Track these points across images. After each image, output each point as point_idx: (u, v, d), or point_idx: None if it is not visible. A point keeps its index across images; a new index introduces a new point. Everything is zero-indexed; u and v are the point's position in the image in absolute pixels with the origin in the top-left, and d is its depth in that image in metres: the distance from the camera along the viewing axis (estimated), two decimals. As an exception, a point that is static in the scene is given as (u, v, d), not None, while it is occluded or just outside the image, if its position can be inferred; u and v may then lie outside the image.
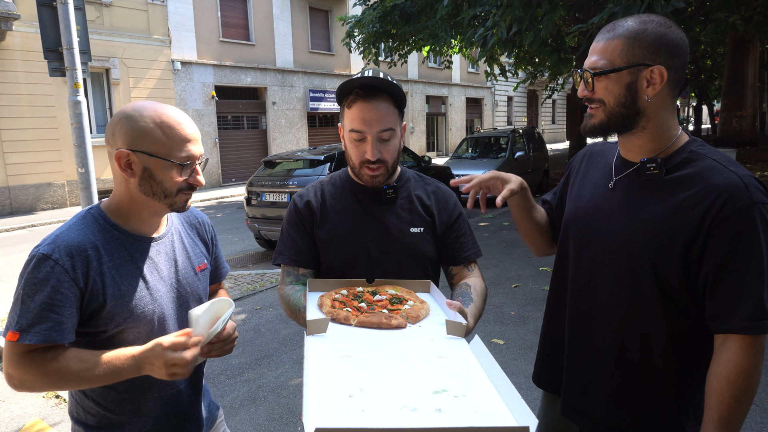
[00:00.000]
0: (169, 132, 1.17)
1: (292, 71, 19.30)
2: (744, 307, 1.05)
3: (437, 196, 1.60)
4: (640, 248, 1.16)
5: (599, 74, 1.13)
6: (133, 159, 1.16)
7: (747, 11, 8.59)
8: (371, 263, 1.49)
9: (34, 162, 12.61)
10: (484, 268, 6.16)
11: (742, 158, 11.95)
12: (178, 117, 1.20)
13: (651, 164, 1.16)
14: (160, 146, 1.16)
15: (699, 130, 29.18)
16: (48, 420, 3.32)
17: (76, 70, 4.86)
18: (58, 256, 1.10)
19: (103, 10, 13.70)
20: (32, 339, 1.08)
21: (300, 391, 3.48)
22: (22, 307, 1.09)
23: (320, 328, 1.19)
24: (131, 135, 1.16)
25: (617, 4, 6.33)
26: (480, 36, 8.32)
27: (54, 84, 12.45)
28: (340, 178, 1.61)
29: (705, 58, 21.78)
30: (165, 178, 1.18)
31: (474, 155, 12.69)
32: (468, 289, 1.50)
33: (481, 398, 0.95)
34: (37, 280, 1.09)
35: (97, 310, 1.15)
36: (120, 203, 1.23)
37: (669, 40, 1.10)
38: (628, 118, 1.14)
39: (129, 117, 1.17)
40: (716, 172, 1.10)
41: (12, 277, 6.96)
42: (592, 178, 1.34)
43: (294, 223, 1.55)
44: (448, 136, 28.00)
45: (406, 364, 1.07)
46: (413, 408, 0.90)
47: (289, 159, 7.86)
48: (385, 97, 1.43)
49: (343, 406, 0.89)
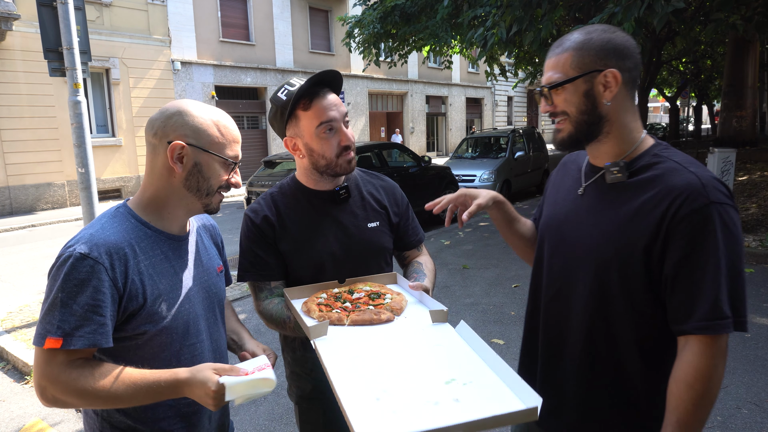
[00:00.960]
0: (224, 131, 1.21)
1: (292, 71, 19.30)
2: (700, 308, 1.05)
3: (386, 189, 1.70)
4: (605, 253, 1.17)
5: (556, 86, 1.17)
6: (187, 152, 1.17)
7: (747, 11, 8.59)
8: (337, 263, 1.55)
9: (34, 162, 12.61)
10: (483, 268, 6.17)
11: (742, 158, 11.94)
12: (229, 119, 1.25)
13: (614, 168, 1.18)
14: (215, 143, 1.19)
15: (699, 130, 29.20)
16: (48, 420, 3.32)
17: (76, 70, 4.86)
18: (97, 254, 1.07)
19: (103, 10, 13.70)
20: (77, 343, 1.03)
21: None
22: (64, 310, 1.03)
23: (322, 332, 1.25)
24: (188, 129, 1.17)
25: (617, 4, 6.33)
26: (480, 36, 8.32)
27: (54, 84, 12.45)
28: (290, 187, 1.61)
29: (705, 58, 21.77)
30: (213, 174, 1.20)
31: (474, 155, 12.69)
32: (420, 266, 1.64)
33: (486, 383, 1.05)
34: (78, 281, 1.04)
35: (136, 311, 1.12)
36: (155, 199, 1.21)
37: (615, 43, 1.14)
38: (593, 124, 1.17)
39: (184, 112, 1.18)
40: (676, 173, 1.11)
41: (12, 276, 6.96)
42: (565, 185, 1.37)
43: (255, 239, 1.53)
44: (448, 136, 27.99)
45: (411, 357, 1.16)
46: (435, 402, 0.99)
47: (289, 159, 7.87)
48: (331, 90, 1.52)
49: (377, 411, 0.97)
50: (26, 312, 5.18)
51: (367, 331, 1.29)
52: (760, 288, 5.17)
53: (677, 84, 27.48)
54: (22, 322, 4.87)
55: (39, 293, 6.03)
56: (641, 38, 8.12)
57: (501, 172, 11.30)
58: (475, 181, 11.03)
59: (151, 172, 1.20)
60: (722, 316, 1.04)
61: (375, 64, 12.60)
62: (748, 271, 5.74)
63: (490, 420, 0.93)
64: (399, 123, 25.26)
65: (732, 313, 1.04)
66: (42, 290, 6.17)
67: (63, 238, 9.57)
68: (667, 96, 27.99)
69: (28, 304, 5.45)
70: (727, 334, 1.06)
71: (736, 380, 3.39)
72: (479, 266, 6.25)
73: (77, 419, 3.34)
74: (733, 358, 3.70)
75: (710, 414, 1.08)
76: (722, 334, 1.05)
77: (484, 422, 0.93)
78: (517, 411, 0.95)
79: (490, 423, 0.93)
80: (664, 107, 53.37)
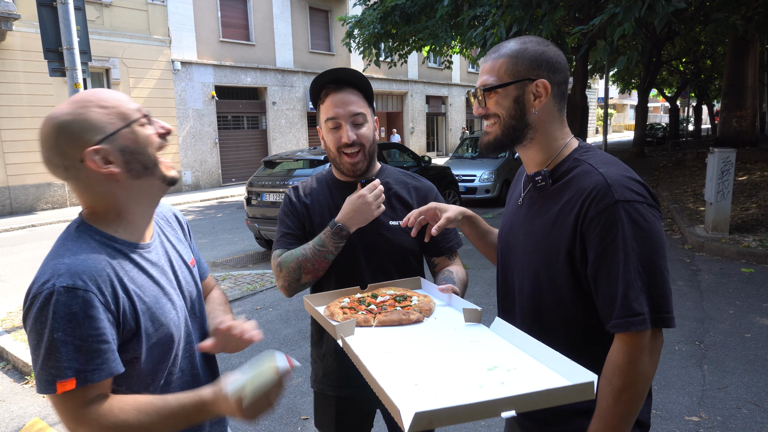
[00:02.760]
0: (105, 103, 1.06)
1: (292, 71, 19.30)
2: (614, 307, 1.07)
3: (418, 190, 1.70)
4: (536, 261, 1.20)
5: (490, 89, 1.22)
6: (106, 151, 1.03)
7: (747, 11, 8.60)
8: (355, 256, 1.58)
9: (34, 162, 12.61)
10: (483, 268, 6.16)
11: (742, 158, 11.93)
12: (98, 91, 1.09)
13: (538, 177, 1.22)
14: (111, 122, 1.05)
15: (699, 130, 29.19)
16: (48, 420, 3.32)
17: (76, 70, 4.86)
18: (83, 283, 0.98)
19: (103, 10, 13.71)
20: (94, 377, 0.96)
21: (300, 391, 3.48)
22: (65, 349, 0.95)
23: (348, 331, 1.22)
24: (85, 134, 1.03)
25: (617, 4, 6.34)
26: (479, 36, 8.32)
27: (54, 84, 12.46)
28: (324, 176, 1.72)
29: (705, 58, 21.79)
30: (140, 142, 1.08)
31: (474, 155, 12.69)
32: (451, 274, 1.60)
33: (532, 368, 1.01)
34: (71, 315, 0.95)
35: (132, 332, 1.06)
36: (107, 212, 1.10)
37: (548, 57, 1.20)
38: (518, 130, 1.22)
39: (65, 124, 1.03)
40: (586, 175, 1.14)
41: (12, 276, 6.96)
42: (513, 197, 1.42)
43: (289, 213, 1.67)
44: (448, 136, 28.00)
45: (447, 352, 1.11)
46: (479, 385, 0.94)
47: (289, 159, 7.86)
48: (353, 89, 1.57)
49: (417, 394, 0.92)
50: (26, 312, 5.18)
51: (397, 331, 1.25)
52: (760, 288, 5.17)
53: (677, 84, 27.50)
54: (22, 322, 4.86)
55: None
56: (641, 38, 8.12)
57: (501, 172, 11.30)
58: (475, 180, 11.04)
59: (90, 192, 1.08)
60: (632, 313, 1.05)
61: (375, 64, 12.61)
62: (748, 271, 5.73)
63: (543, 394, 0.88)
64: (399, 123, 25.27)
65: (650, 309, 1.05)
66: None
67: (63, 238, 9.57)
68: (667, 96, 28.02)
69: (28, 304, 5.45)
70: (653, 330, 1.06)
71: (736, 380, 3.39)
72: (479, 266, 6.25)
73: (77, 419, 3.34)
74: (734, 358, 3.70)
75: (637, 411, 1.07)
76: (641, 331, 1.05)
77: (537, 396, 0.88)
78: (572, 385, 0.90)
79: (543, 398, 0.89)
80: (664, 107, 53.42)
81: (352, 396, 1.65)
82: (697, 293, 5.08)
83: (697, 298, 4.95)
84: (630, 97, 54.67)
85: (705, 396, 3.23)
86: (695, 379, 3.44)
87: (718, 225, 6.95)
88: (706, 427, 2.91)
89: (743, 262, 6.09)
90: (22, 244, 9.25)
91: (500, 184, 11.23)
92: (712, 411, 3.06)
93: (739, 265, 6.01)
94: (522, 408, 0.87)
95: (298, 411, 3.25)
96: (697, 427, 2.91)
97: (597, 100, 40.26)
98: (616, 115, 57.94)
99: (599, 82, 34.81)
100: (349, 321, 1.23)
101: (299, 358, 4.00)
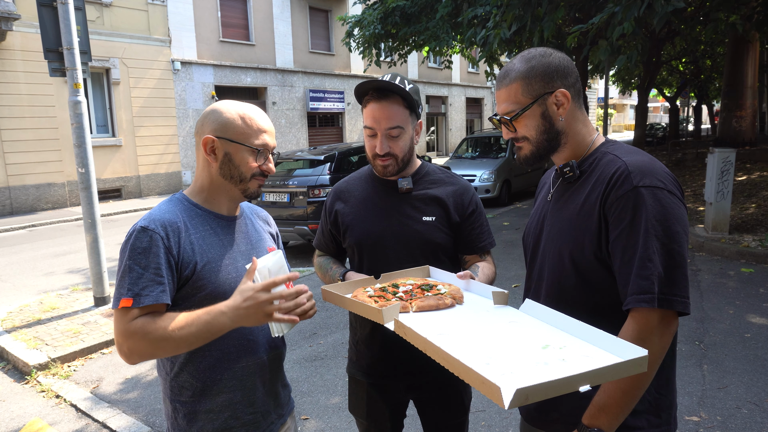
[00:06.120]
0: (249, 122, 1.36)
1: (292, 71, 19.30)
2: (629, 285, 1.11)
3: (454, 190, 1.76)
4: (563, 246, 1.25)
5: (516, 117, 1.27)
6: (217, 145, 1.34)
7: (747, 11, 8.60)
8: (385, 246, 1.68)
9: (35, 162, 12.61)
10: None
11: (742, 158, 11.94)
12: (257, 111, 1.39)
13: (566, 168, 1.29)
14: (240, 134, 1.35)
15: (699, 130, 29.19)
16: (48, 420, 3.33)
17: (76, 70, 4.86)
18: (154, 227, 1.27)
19: (103, 10, 13.71)
20: (145, 301, 1.21)
21: (299, 390, 3.48)
22: (132, 274, 1.22)
23: (394, 314, 1.26)
24: (217, 124, 1.34)
25: (617, 3, 6.34)
26: (482, 37, 8.32)
27: (54, 84, 12.45)
28: (365, 171, 1.85)
29: (705, 58, 21.78)
30: (242, 162, 1.36)
31: (474, 155, 12.70)
32: (476, 268, 1.67)
33: (581, 345, 1.05)
34: (141, 249, 1.24)
35: (188, 277, 1.29)
36: (202, 187, 1.40)
37: (556, 65, 1.25)
38: (552, 140, 1.29)
39: (216, 110, 1.36)
40: (610, 163, 1.21)
41: (12, 276, 6.97)
42: (540, 198, 1.49)
43: (324, 214, 1.85)
44: (448, 136, 28.01)
45: (495, 333, 1.16)
46: (545, 362, 0.98)
47: (289, 159, 7.87)
48: (396, 98, 1.61)
49: (494, 373, 0.94)
50: (26, 312, 5.17)
51: (436, 315, 1.29)
52: (759, 288, 5.17)
53: (677, 84, 27.48)
54: (22, 322, 4.87)
55: (39, 293, 6.04)
56: (641, 37, 8.12)
57: (501, 172, 11.30)
58: (475, 180, 11.03)
59: (198, 165, 1.41)
60: (642, 290, 1.09)
61: (375, 64, 12.59)
62: (748, 270, 5.74)
63: (610, 369, 0.92)
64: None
65: (659, 289, 1.08)
66: (43, 290, 6.18)
67: (63, 238, 9.58)
68: (667, 96, 28.00)
69: (28, 304, 5.45)
70: (665, 313, 1.09)
71: (736, 380, 3.39)
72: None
73: (76, 419, 3.35)
74: (734, 358, 3.70)
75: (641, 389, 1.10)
76: (651, 309, 1.08)
77: (606, 371, 0.92)
78: (632, 359, 0.94)
79: (611, 372, 0.93)
80: (664, 107, 53.40)
81: (383, 384, 1.75)
82: (696, 293, 5.08)
83: (697, 298, 4.95)
84: (630, 97, 54.63)
85: (705, 396, 3.23)
86: (695, 379, 3.44)
87: (717, 225, 6.95)
88: (705, 427, 2.92)
89: (743, 262, 6.09)
90: (22, 244, 9.25)
91: (500, 184, 11.23)
92: (712, 411, 3.06)
93: (739, 264, 6.01)
94: (594, 382, 0.91)
95: (298, 411, 3.26)
96: (697, 427, 2.91)
97: (597, 100, 40.24)
98: (616, 115, 57.92)
99: (599, 82, 34.77)
100: (393, 305, 1.26)
101: (299, 358, 4.00)
